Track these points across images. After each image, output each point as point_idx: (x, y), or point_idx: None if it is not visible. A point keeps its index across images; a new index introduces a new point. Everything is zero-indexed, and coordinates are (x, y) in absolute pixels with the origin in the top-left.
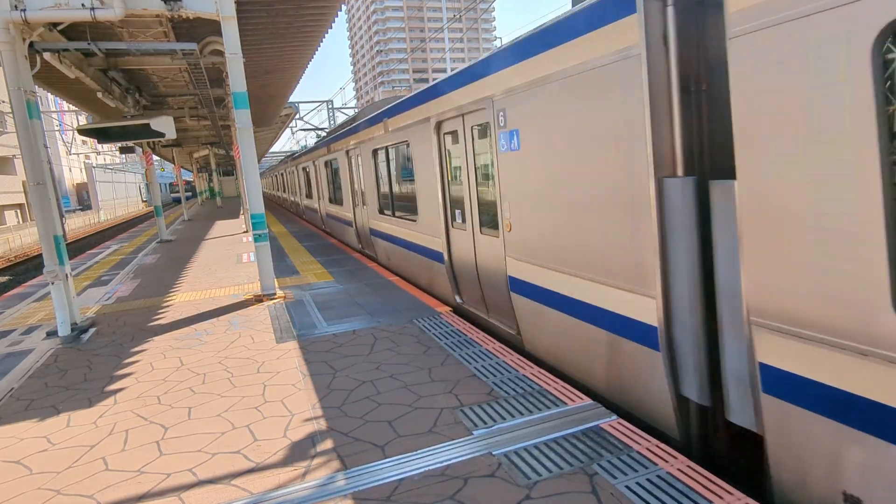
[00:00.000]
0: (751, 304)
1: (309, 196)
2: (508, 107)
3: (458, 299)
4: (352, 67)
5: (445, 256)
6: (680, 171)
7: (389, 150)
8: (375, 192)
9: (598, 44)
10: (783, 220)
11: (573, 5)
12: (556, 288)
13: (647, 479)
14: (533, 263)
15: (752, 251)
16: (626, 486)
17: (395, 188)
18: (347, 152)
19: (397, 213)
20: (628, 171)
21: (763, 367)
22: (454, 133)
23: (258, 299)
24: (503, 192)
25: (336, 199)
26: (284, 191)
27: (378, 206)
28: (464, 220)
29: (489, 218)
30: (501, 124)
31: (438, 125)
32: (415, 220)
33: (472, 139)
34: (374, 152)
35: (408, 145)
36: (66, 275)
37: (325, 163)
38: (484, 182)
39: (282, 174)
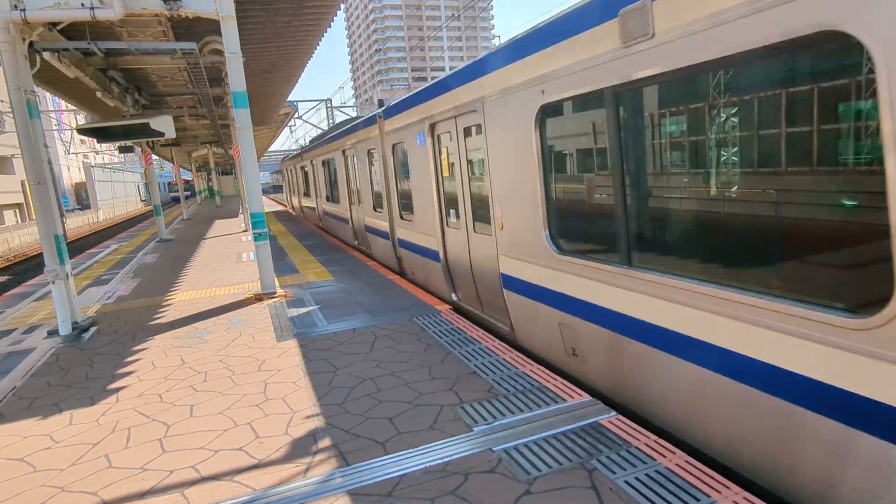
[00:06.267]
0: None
1: (333, 199)
2: None
3: None
4: (350, 66)
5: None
6: None
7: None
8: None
9: None
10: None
11: None
12: None
13: (646, 475)
14: None
15: None
16: (626, 482)
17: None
18: (433, 127)
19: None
20: None
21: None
22: None
23: (258, 298)
24: None
25: (404, 207)
26: (295, 193)
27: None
28: None
29: None
30: None
31: None
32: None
33: None
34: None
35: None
36: (67, 274)
37: (369, 151)
38: None
39: (292, 170)
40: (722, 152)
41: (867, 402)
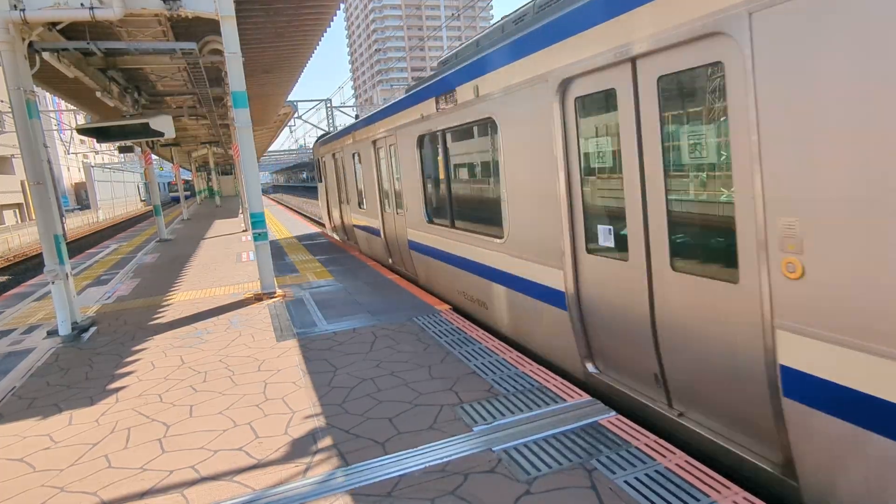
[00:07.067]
0: None
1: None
2: None
3: None
4: (350, 66)
5: None
6: None
7: None
8: None
9: None
10: None
11: None
12: None
13: (646, 475)
14: None
15: None
16: (625, 482)
17: None
18: None
19: None
20: None
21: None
22: None
23: (258, 298)
24: None
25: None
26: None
27: None
28: None
29: None
30: None
31: None
32: None
33: None
34: None
35: None
36: (67, 274)
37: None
38: None
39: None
40: (471, 167)
41: (500, 272)
